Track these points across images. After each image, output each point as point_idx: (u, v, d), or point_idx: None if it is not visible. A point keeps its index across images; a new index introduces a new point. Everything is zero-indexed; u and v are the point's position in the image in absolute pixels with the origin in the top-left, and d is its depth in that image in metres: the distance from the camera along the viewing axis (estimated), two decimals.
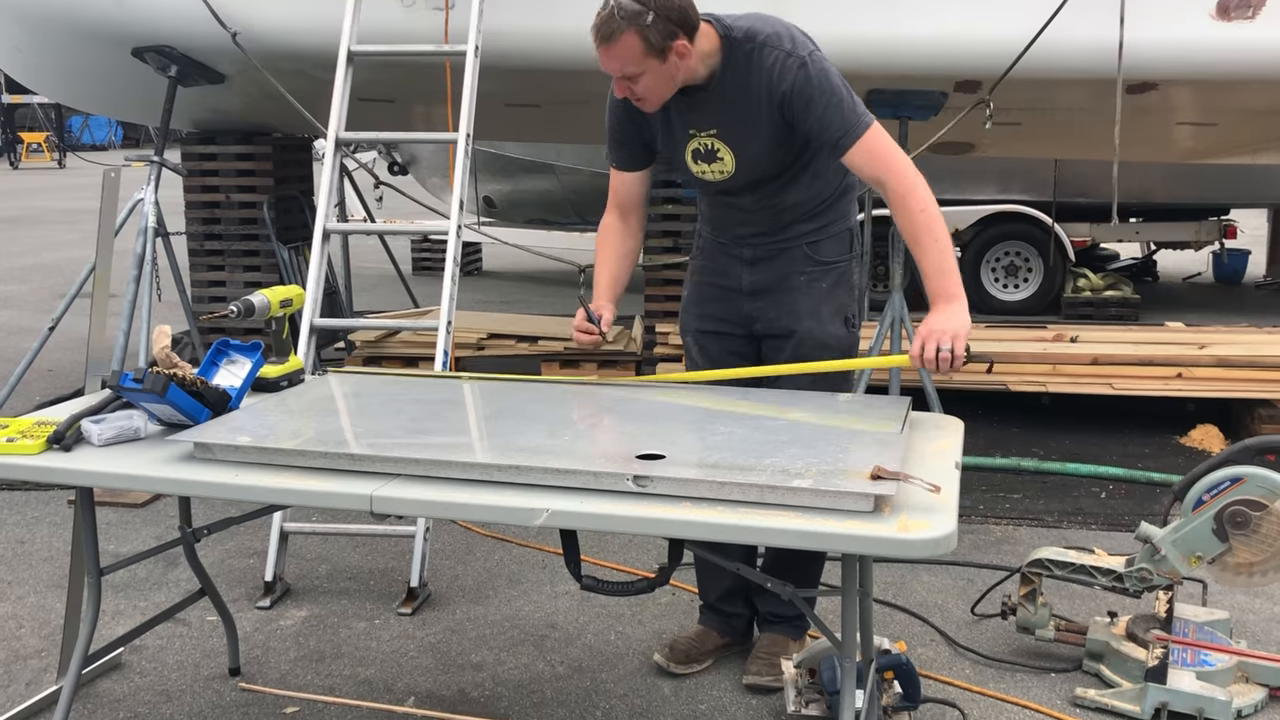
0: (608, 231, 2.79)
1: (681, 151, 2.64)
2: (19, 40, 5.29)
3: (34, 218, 14.41)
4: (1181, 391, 5.07)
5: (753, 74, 2.47)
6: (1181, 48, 4.29)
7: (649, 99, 2.47)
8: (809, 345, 2.68)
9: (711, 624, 3.06)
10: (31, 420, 2.29)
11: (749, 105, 2.49)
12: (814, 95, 2.43)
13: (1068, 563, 2.96)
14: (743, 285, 2.74)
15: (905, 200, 2.42)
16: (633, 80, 2.41)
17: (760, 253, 2.71)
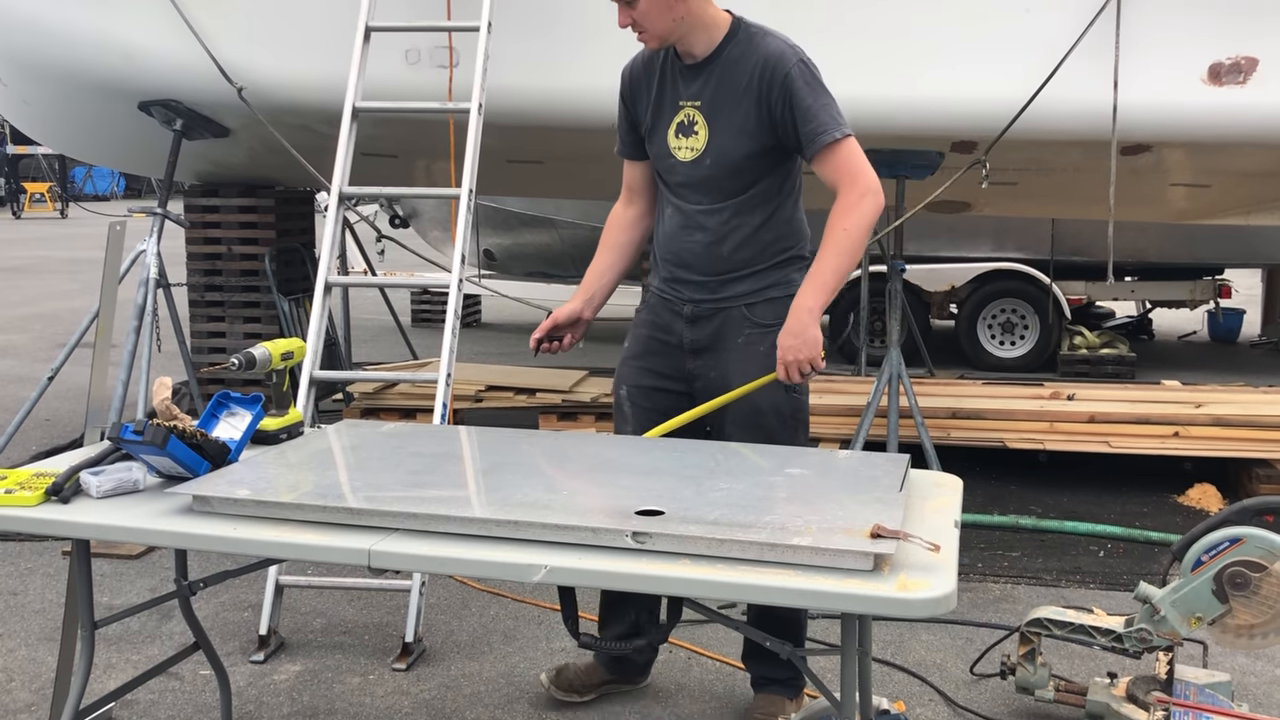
0: (611, 220, 2.87)
1: (666, 125, 2.68)
2: (27, 94, 5.35)
3: (36, 267, 14.47)
4: (1179, 450, 5.07)
5: (754, 53, 2.56)
6: (1174, 111, 4.36)
7: (649, 29, 2.56)
8: (747, 407, 2.67)
9: (602, 660, 3.09)
10: (30, 472, 2.29)
11: (739, 82, 2.57)
12: (807, 87, 2.53)
13: (1067, 622, 2.94)
14: (684, 342, 2.76)
15: (844, 213, 2.53)
16: (632, 5, 2.52)
17: (700, 310, 2.73)
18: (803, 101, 2.52)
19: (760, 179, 2.64)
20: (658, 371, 2.79)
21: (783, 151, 2.63)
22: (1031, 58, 4.27)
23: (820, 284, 2.51)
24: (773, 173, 2.64)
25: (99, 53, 4.79)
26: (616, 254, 2.84)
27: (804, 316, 2.49)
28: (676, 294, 2.75)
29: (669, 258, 2.77)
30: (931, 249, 8.31)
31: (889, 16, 4.42)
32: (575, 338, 2.78)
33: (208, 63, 4.58)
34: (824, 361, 2.49)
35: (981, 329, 8.37)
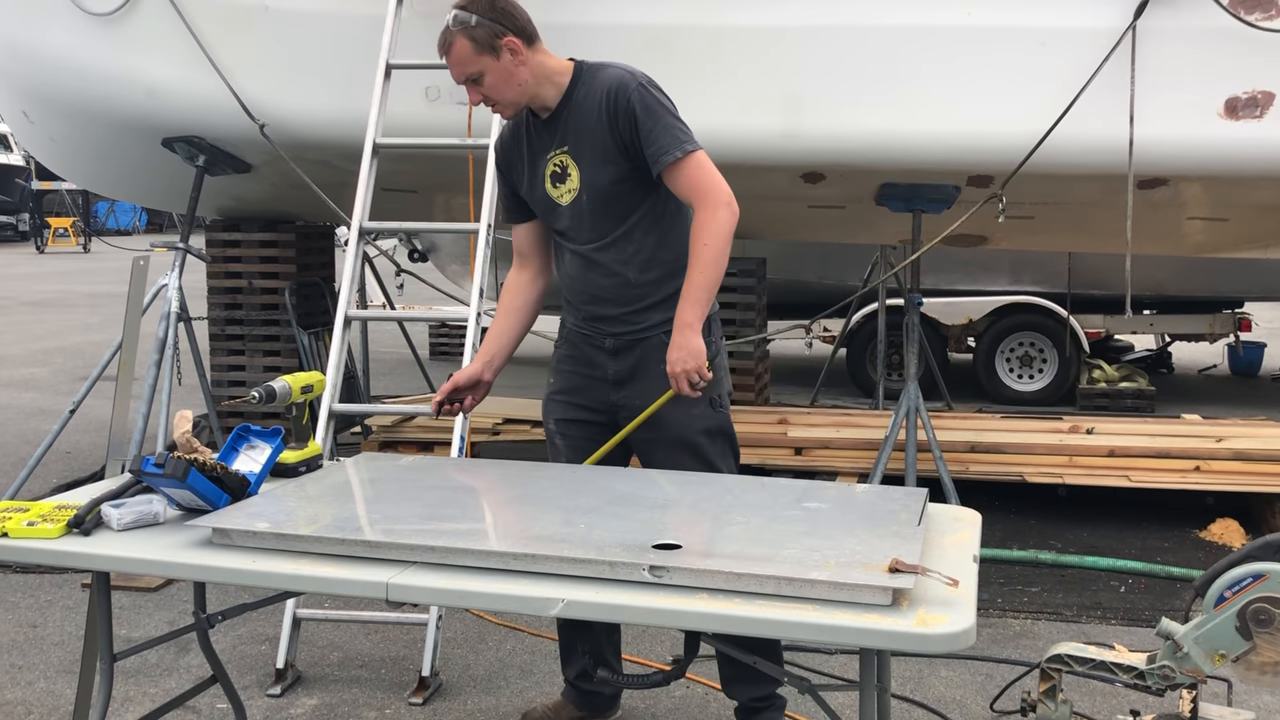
0: (506, 287, 2.96)
1: (542, 179, 2.77)
2: (54, 130, 5.43)
3: (58, 301, 14.62)
4: (1200, 485, 5.03)
5: (597, 87, 2.67)
6: (1191, 145, 4.36)
7: (499, 99, 2.68)
8: (675, 429, 2.76)
9: (570, 697, 3.08)
10: (52, 504, 2.31)
11: (590, 117, 2.68)
12: (646, 110, 2.63)
13: (1088, 659, 2.91)
14: (608, 374, 2.81)
15: (702, 229, 2.62)
16: (478, 83, 2.66)
17: (621, 343, 2.79)
18: (644, 125, 2.62)
19: (640, 203, 2.73)
20: (582, 405, 2.87)
21: (649, 174, 2.70)
22: (1048, 91, 4.28)
23: (694, 300, 2.61)
24: (652, 194, 2.72)
25: (123, 90, 4.87)
26: (515, 317, 2.92)
27: (685, 331, 2.59)
28: (596, 329, 2.82)
29: (582, 298, 2.83)
30: (949, 282, 8.30)
31: (905, 51, 4.45)
32: (475, 399, 2.85)
33: (230, 99, 4.64)
34: (710, 371, 2.61)
35: (999, 362, 8.34)
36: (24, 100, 5.37)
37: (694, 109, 4.58)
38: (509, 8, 2.66)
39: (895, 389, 5.99)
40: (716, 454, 2.80)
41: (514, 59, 2.64)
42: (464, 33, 2.61)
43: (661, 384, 2.71)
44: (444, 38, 2.63)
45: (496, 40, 2.61)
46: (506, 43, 2.62)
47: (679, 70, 4.56)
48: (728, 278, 5.93)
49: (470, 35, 2.60)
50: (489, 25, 2.61)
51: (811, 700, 2.13)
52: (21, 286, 16.47)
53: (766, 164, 4.71)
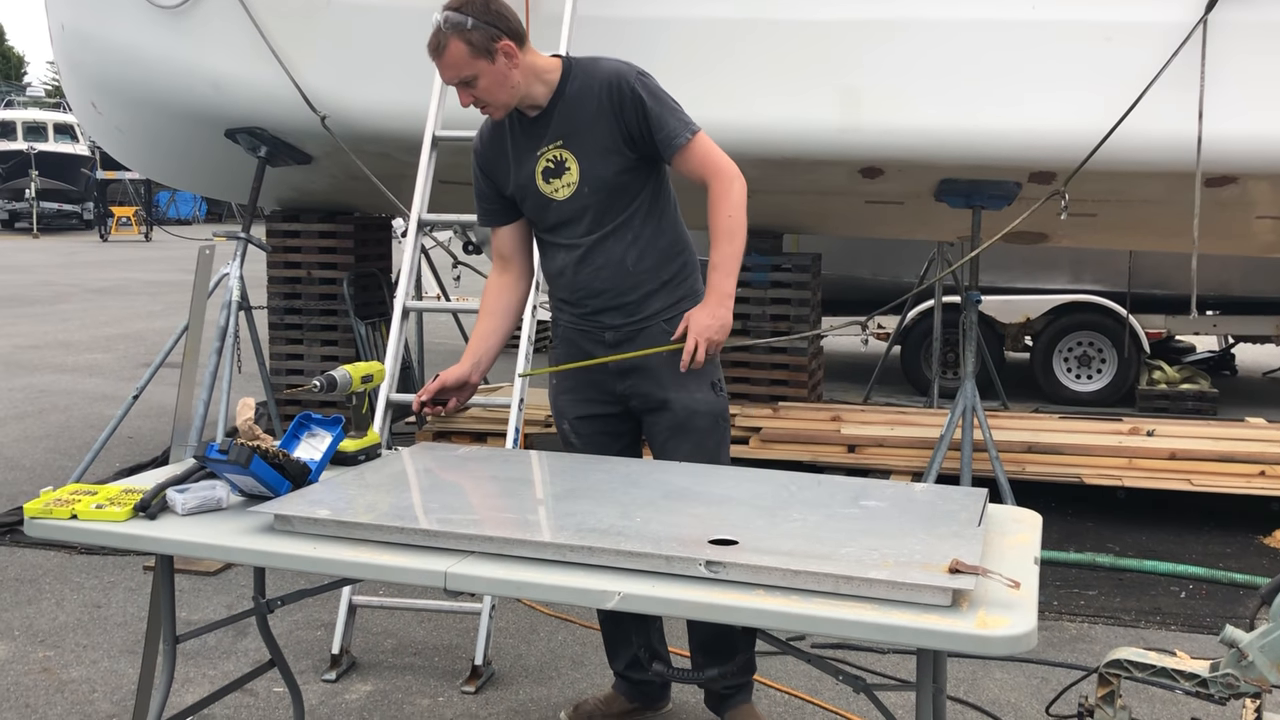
0: (487, 289, 2.94)
1: (533, 177, 2.74)
2: (120, 121, 5.54)
3: (121, 288, 14.92)
4: (1265, 490, 4.92)
5: (594, 79, 2.66)
6: (1262, 142, 4.26)
7: (491, 102, 2.65)
8: (683, 413, 2.77)
9: (621, 689, 3.08)
10: (119, 488, 2.35)
11: (589, 109, 2.66)
12: (652, 97, 2.64)
13: (1148, 665, 2.86)
14: (610, 365, 2.80)
15: (720, 201, 2.63)
16: (471, 86, 2.61)
17: (621, 335, 2.78)
18: (652, 111, 2.63)
19: (640, 191, 2.74)
20: (592, 399, 2.86)
21: (650, 162, 2.72)
22: (1113, 88, 4.21)
23: (729, 271, 2.63)
24: (648, 184, 2.74)
25: (189, 81, 4.95)
26: (499, 319, 2.90)
27: (724, 300, 2.61)
28: (595, 323, 2.81)
29: (579, 294, 2.81)
30: (1007, 280, 8.20)
31: (966, 45, 4.40)
32: (461, 400, 2.82)
33: (292, 92, 4.70)
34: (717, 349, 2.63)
35: (1057, 362, 8.22)
36: (92, 91, 5.48)
37: (751, 103, 4.61)
38: (502, 9, 2.62)
39: (949, 388, 5.94)
40: (716, 440, 2.82)
41: (509, 62, 2.60)
42: (459, 35, 2.55)
43: (665, 373, 2.73)
44: (436, 39, 2.58)
45: (492, 44, 2.57)
46: (502, 46, 2.58)
47: (737, 64, 4.56)
48: (782, 273, 5.96)
49: (466, 38, 2.55)
50: (485, 29, 2.56)
51: (865, 699, 2.11)
52: (86, 274, 16.84)
53: (824, 158, 4.68)
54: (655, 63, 4.56)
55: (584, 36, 4.27)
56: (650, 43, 4.54)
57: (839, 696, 3.29)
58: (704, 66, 4.55)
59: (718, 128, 4.61)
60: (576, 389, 2.89)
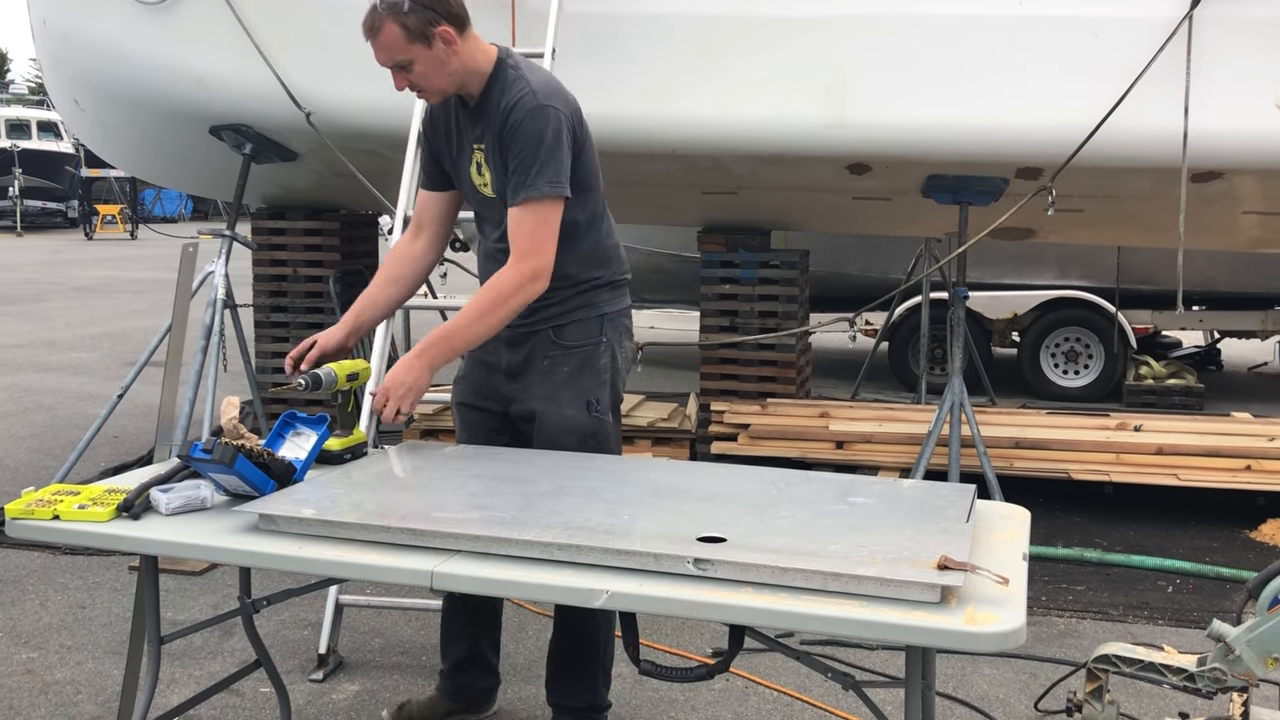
0: (391, 254, 2.88)
1: (467, 165, 2.71)
2: (103, 118, 5.50)
3: (106, 287, 14.83)
4: (1251, 484, 4.94)
5: (503, 96, 2.59)
6: (1247, 138, 4.28)
7: (427, 87, 2.59)
8: (548, 429, 2.72)
9: (445, 690, 3.05)
10: (102, 488, 2.33)
11: (496, 124, 2.61)
12: (524, 138, 2.54)
13: (1136, 659, 2.86)
14: (502, 364, 2.79)
15: (501, 279, 2.55)
16: (406, 70, 2.55)
17: (514, 334, 2.72)
18: (514, 152, 2.55)
19: None
20: (477, 391, 2.84)
21: None
22: (1099, 83, 4.22)
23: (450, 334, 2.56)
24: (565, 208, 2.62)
25: (173, 78, 4.92)
26: (394, 288, 2.81)
27: (412, 358, 2.54)
28: None
29: None
30: (994, 276, 8.21)
31: (953, 40, 4.40)
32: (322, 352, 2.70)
33: (277, 88, 4.68)
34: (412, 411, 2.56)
35: (1045, 357, 8.23)
36: (75, 88, 5.44)
37: (739, 99, 4.60)
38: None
39: (937, 384, 5.94)
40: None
41: (447, 48, 2.52)
42: (394, 18, 2.47)
43: (541, 379, 2.73)
44: (371, 19, 2.49)
45: (430, 29, 2.49)
46: (440, 32, 2.50)
47: (724, 61, 4.55)
48: (770, 269, 5.95)
49: (401, 21, 2.47)
50: (422, 12, 2.48)
51: (854, 696, 2.11)
52: (70, 272, 16.74)
53: (811, 155, 4.68)
54: (641, 59, 4.59)
55: (570, 33, 4.26)
56: (636, 39, 4.53)
57: (828, 694, 3.29)
58: (691, 63, 4.54)
59: (705, 124, 4.65)
60: (471, 377, 2.87)
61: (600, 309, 2.76)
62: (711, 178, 5.15)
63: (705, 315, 6.08)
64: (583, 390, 2.72)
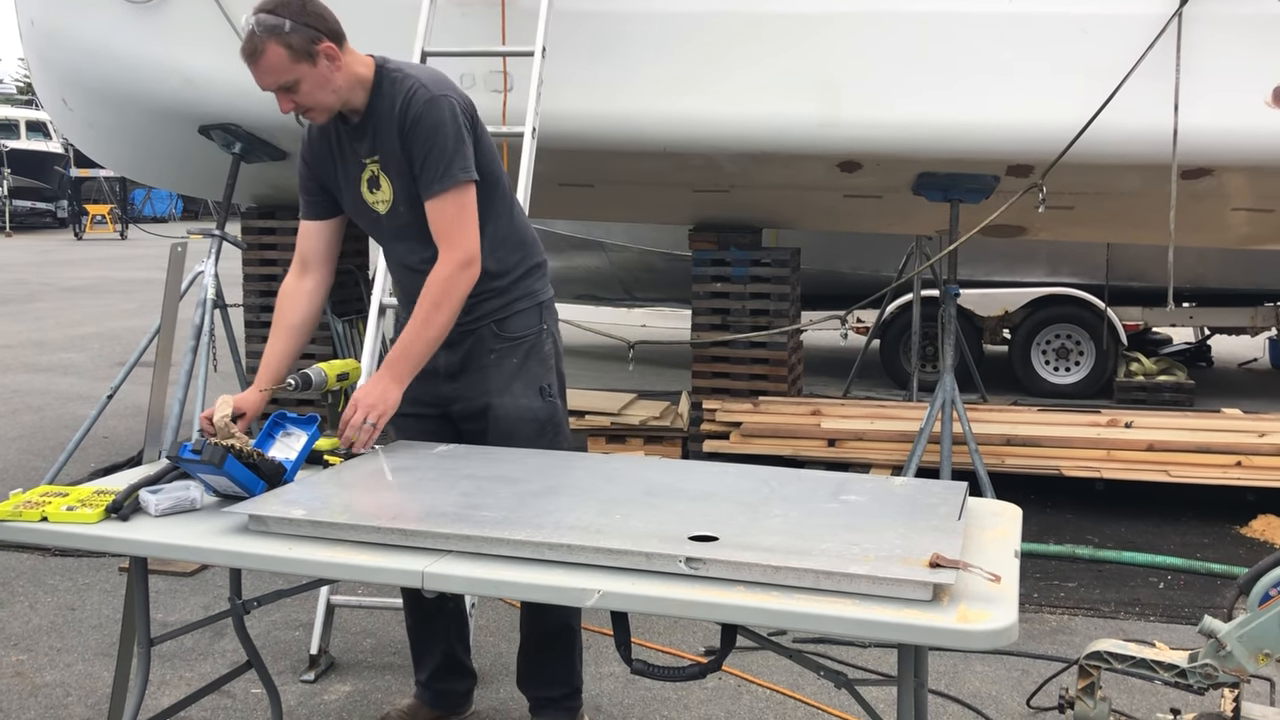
0: (283, 297, 2.75)
1: (357, 183, 2.65)
2: (92, 118, 5.48)
3: (95, 287, 14.77)
4: (1242, 480, 4.95)
5: (398, 92, 2.57)
6: (1236, 134, 4.28)
7: (315, 107, 2.55)
8: (504, 421, 2.72)
9: (424, 698, 3.03)
10: (91, 489, 2.32)
11: (391, 128, 2.57)
12: (426, 131, 2.53)
13: (1128, 656, 2.86)
14: (439, 367, 2.73)
15: (436, 276, 2.55)
16: (293, 91, 2.50)
17: (452, 335, 2.67)
18: (420, 149, 2.54)
19: None
20: (415, 399, 2.73)
21: None
22: (1089, 80, 4.22)
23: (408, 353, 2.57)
24: None
25: (161, 77, 4.90)
26: (290, 337, 2.72)
27: (396, 379, 2.56)
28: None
29: (410, 301, 2.70)
30: (985, 273, 8.22)
31: (944, 38, 4.40)
32: (247, 422, 2.61)
33: None
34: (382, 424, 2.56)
35: (1035, 354, 8.25)
36: (63, 88, 5.41)
37: (731, 97, 4.59)
38: (320, 10, 2.51)
39: (929, 381, 5.94)
40: (545, 443, 2.75)
41: (331, 65, 2.49)
42: (277, 39, 2.42)
43: (495, 373, 2.71)
44: (251, 43, 2.43)
45: (313, 46, 2.45)
46: (323, 48, 2.47)
47: (716, 58, 4.55)
48: (761, 267, 5.95)
49: (285, 42, 2.43)
50: (304, 30, 2.44)
51: (847, 695, 2.11)
52: (60, 273, 16.67)
53: (803, 153, 4.68)
54: (633, 58, 4.58)
55: (561, 31, 4.25)
56: (627, 36, 4.52)
57: (820, 692, 3.29)
58: (682, 60, 4.54)
59: (695, 122, 4.64)
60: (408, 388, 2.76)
61: (538, 298, 2.79)
62: (703, 176, 5.15)
63: (697, 313, 6.08)
64: (534, 378, 2.74)
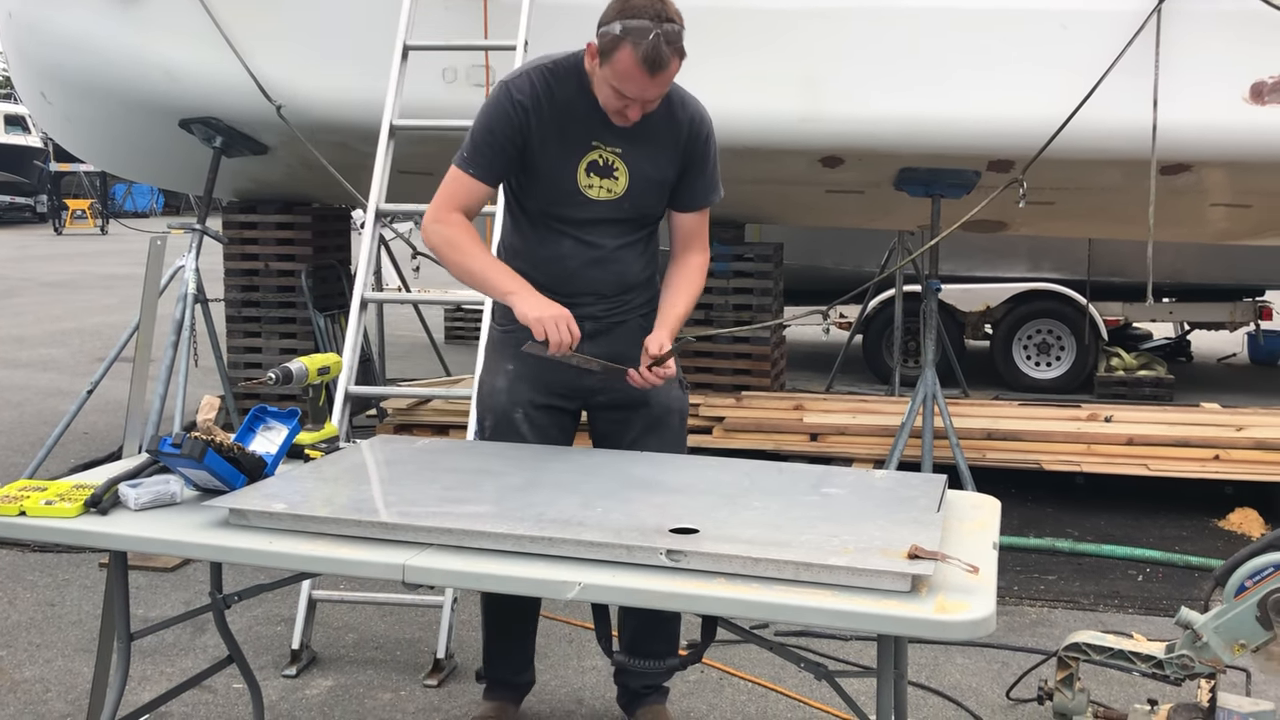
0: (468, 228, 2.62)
1: (574, 162, 2.60)
2: (71, 111, 5.44)
3: (75, 282, 14.67)
4: (1219, 474, 4.99)
5: (678, 109, 2.63)
6: (1215, 130, 4.31)
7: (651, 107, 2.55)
8: (660, 411, 2.76)
9: (505, 696, 3.00)
10: (70, 483, 2.31)
11: (664, 135, 2.61)
12: (711, 152, 2.72)
13: (1106, 647, 2.89)
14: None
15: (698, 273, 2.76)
16: (653, 101, 2.51)
17: (600, 326, 2.68)
18: (707, 165, 2.71)
19: (662, 214, 2.79)
20: (554, 391, 2.74)
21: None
22: (1069, 76, 4.24)
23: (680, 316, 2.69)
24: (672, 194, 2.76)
25: (141, 70, 4.87)
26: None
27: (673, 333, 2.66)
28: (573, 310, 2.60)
29: (571, 285, 2.67)
30: (967, 269, 8.26)
31: (924, 33, 4.41)
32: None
33: (247, 81, 4.63)
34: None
35: (1017, 350, 8.29)
36: (42, 81, 5.37)
37: (712, 91, 4.58)
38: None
39: (911, 376, 5.96)
40: (683, 437, 2.85)
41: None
42: (677, 50, 2.41)
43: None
44: (658, 55, 2.36)
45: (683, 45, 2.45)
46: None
47: (697, 53, 4.54)
48: (744, 262, 5.97)
49: (681, 50, 2.43)
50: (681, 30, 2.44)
51: (828, 687, 2.12)
52: (39, 268, 16.55)
53: (785, 148, 4.68)
54: None
55: (542, 23, 4.24)
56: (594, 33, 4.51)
57: (802, 684, 3.30)
58: None
59: None
60: (539, 376, 2.72)
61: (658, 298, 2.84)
62: None
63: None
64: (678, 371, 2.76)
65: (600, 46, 2.44)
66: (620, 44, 2.38)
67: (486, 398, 2.78)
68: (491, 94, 2.62)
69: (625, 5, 2.40)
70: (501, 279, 2.58)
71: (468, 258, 2.59)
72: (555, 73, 2.58)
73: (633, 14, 2.38)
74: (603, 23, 2.45)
